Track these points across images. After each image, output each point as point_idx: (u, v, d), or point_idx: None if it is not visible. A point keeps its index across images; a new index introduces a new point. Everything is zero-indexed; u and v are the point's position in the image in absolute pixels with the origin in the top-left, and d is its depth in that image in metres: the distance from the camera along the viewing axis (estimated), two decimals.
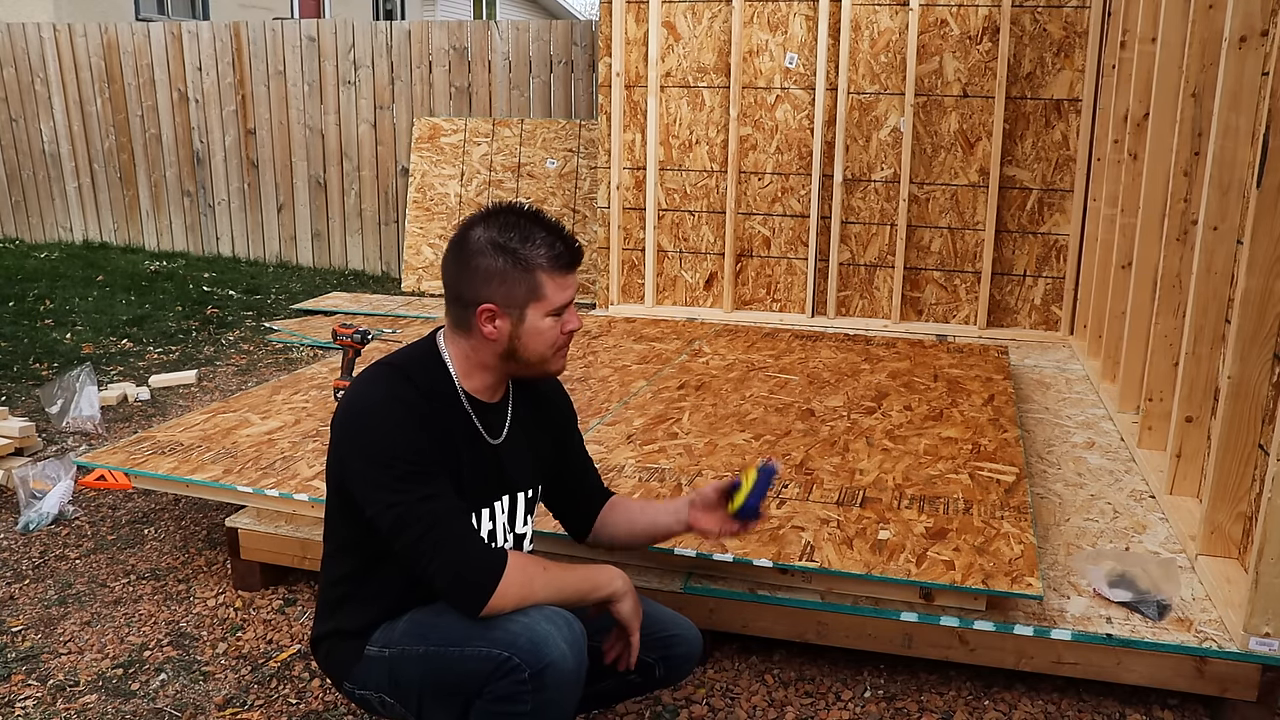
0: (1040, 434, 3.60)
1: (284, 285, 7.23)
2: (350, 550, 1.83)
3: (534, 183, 6.74)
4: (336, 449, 1.76)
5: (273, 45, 7.53)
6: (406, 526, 1.65)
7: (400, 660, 1.76)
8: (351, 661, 1.82)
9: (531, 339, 1.78)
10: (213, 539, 3.15)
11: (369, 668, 1.80)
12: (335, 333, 3.56)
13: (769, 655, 2.50)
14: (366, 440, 1.70)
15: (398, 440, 1.68)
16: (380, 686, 1.79)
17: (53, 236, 8.58)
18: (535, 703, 1.62)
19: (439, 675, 1.72)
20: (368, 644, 1.80)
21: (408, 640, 1.76)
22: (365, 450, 1.69)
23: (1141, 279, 3.59)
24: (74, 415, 4.14)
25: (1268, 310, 2.39)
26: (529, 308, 1.76)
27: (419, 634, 1.75)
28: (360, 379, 1.80)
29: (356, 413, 1.74)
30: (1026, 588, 2.23)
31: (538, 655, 1.61)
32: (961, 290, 5.42)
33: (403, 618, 1.79)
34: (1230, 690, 2.19)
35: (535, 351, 1.80)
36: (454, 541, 1.66)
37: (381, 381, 1.76)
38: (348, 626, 1.83)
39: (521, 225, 1.76)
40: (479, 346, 1.80)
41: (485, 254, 1.74)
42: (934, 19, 5.18)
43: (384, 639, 1.79)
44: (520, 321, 1.77)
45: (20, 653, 2.54)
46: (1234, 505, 2.50)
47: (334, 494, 1.82)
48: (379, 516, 1.68)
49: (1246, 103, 2.68)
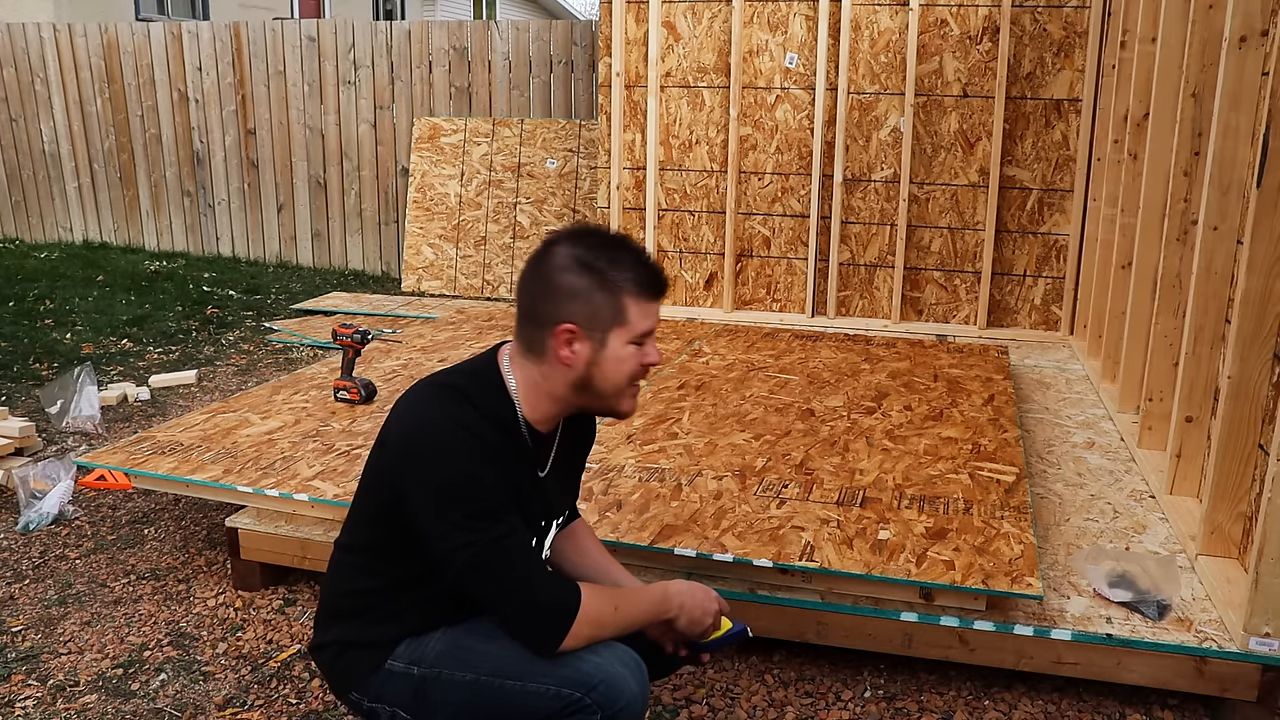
0: (1040, 434, 3.60)
1: (284, 285, 7.23)
2: (386, 564, 1.74)
3: (534, 183, 6.74)
4: (396, 475, 1.65)
5: (273, 45, 7.53)
6: (478, 569, 1.59)
7: (436, 683, 1.69)
8: (365, 672, 1.74)
9: (610, 367, 1.67)
10: (213, 539, 3.15)
11: (388, 682, 1.72)
12: (335, 333, 3.56)
13: (769, 655, 2.50)
14: (437, 474, 1.60)
15: (470, 476, 1.59)
16: (398, 703, 1.72)
17: (53, 236, 8.58)
18: None
19: (489, 706, 1.66)
20: (391, 657, 1.72)
21: (448, 664, 1.69)
22: (435, 483, 1.60)
23: (1141, 279, 3.59)
24: (74, 415, 4.14)
25: (1268, 310, 2.39)
26: (612, 332, 1.65)
27: (464, 659, 1.68)
28: (422, 401, 1.69)
29: (425, 442, 1.63)
30: (1026, 588, 2.23)
31: (613, 698, 1.60)
32: (961, 290, 5.42)
33: (435, 634, 1.72)
34: (1230, 690, 2.19)
35: (611, 382, 1.69)
36: (529, 584, 1.61)
37: (450, 407, 1.65)
38: (366, 638, 1.75)
39: (609, 246, 1.67)
40: (551, 374, 1.69)
41: (570, 271, 1.63)
42: (934, 19, 5.18)
43: (413, 655, 1.71)
44: (601, 346, 1.66)
45: (20, 653, 2.54)
46: (1234, 505, 2.50)
47: (381, 509, 1.71)
48: (450, 555, 1.60)
49: (1246, 103, 2.68)
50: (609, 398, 1.72)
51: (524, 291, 1.70)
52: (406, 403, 1.71)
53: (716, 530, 2.51)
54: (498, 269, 6.77)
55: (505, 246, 6.77)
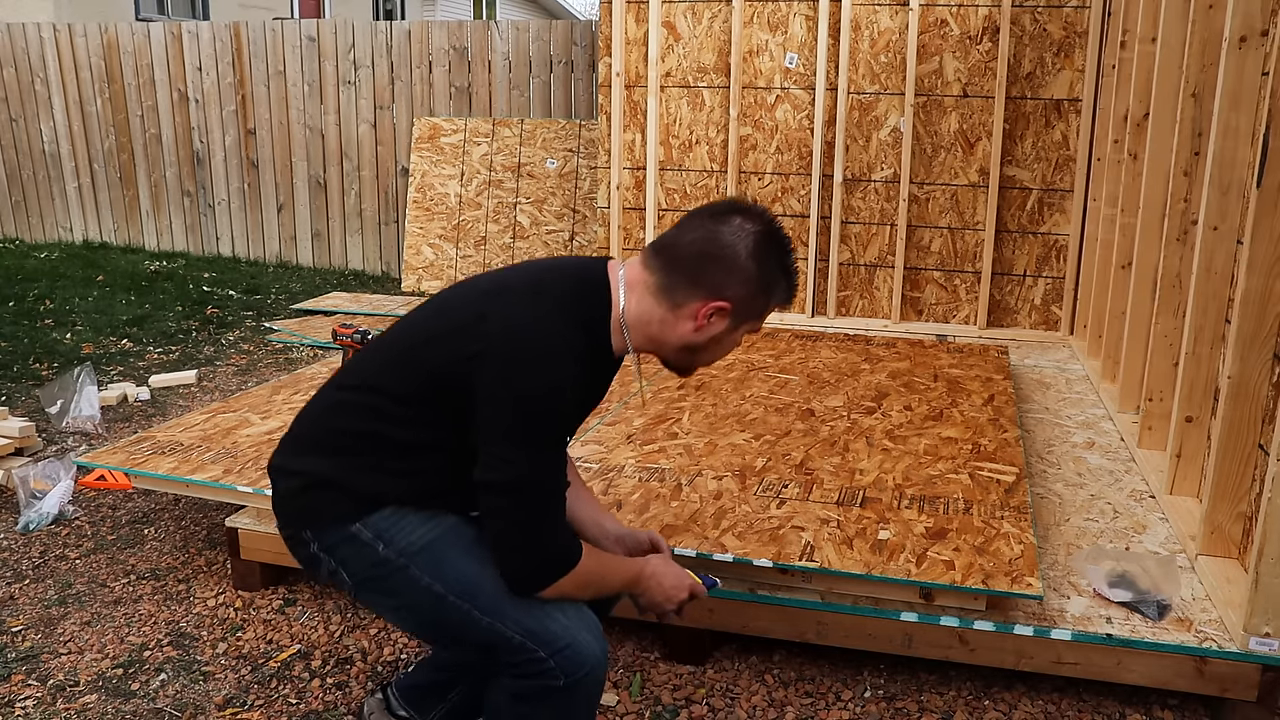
0: (1040, 434, 3.60)
1: (284, 285, 7.23)
2: (408, 421, 1.65)
3: (534, 183, 6.74)
4: (476, 359, 1.57)
5: (273, 45, 7.53)
6: (512, 491, 1.55)
7: (400, 573, 1.65)
8: (330, 519, 1.67)
9: (723, 348, 1.73)
10: (213, 539, 3.15)
11: (349, 543, 1.66)
12: (335, 333, 3.56)
13: (769, 655, 2.50)
14: (525, 385, 1.54)
15: (554, 400, 1.55)
16: (350, 568, 1.68)
17: (53, 236, 8.58)
18: (562, 707, 1.65)
19: (442, 623, 1.67)
20: (364, 519, 1.66)
21: (422, 564, 1.65)
22: (518, 393, 1.54)
23: (1141, 279, 3.59)
24: (74, 415, 4.14)
25: (1268, 310, 2.39)
26: (745, 324, 1.70)
27: (440, 568, 1.65)
28: (538, 303, 1.61)
29: (527, 348, 1.55)
30: (1026, 588, 2.23)
31: (576, 664, 1.62)
32: (961, 290, 5.42)
33: (418, 521, 1.67)
34: (1230, 690, 2.19)
35: (712, 356, 1.74)
36: (546, 525, 1.58)
37: (565, 327, 1.59)
38: (349, 483, 1.67)
39: (789, 251, 1.69)
40: (674, 326, 1.67)
41: (757, 260, 1.63)
42: (934, 19, 5.18)
43: (389, 533, 1.65)
44: (732, 330, 1.69)
45: (20, 653, 2.53)
46: (1234, 505, 2.50)
47: (433, 375, 1.62)
48: (495, 463, 1.55)
49: (1246, 103, 2.68)
50: (697, 365, 1.76)
51: (694, 244, 1.66)
52: (521, 293, 1.64)
53: (716, 530, 2.51)
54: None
55: (505, 246, 6.77)
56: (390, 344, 1.74)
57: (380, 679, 2.42)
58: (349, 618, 2.69)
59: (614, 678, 2.40)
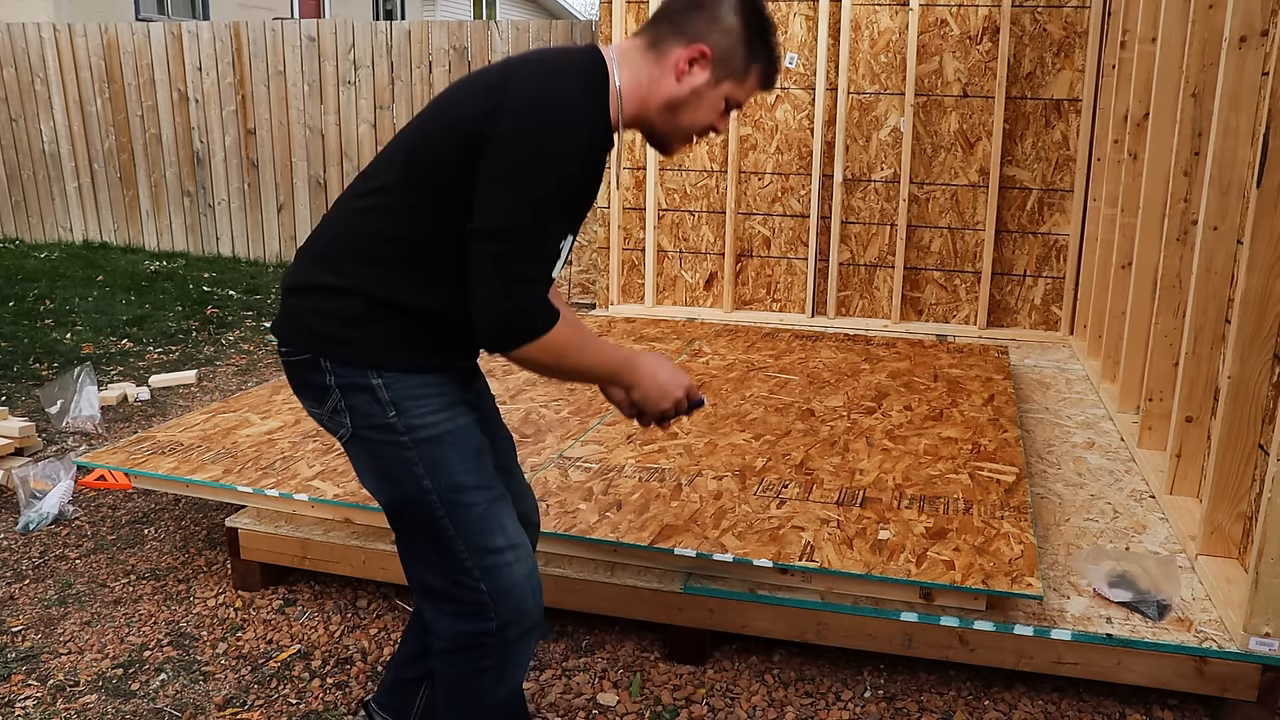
0: (1040, 434, 3.60)
1: None
2: (414, 213, 1.64)
3: None
4: (496, 117, 1.56)
5: (273, 45, 7.52)
6: (507, 242, 1.54)
7: (399, 455, 1.66)
8: (361, 359, 1.65)
9: (700, 107, 1.72)
10: (213, 539, 3.15)
11: (365, 395, 1.65)
12: None
13: (769, 655, 2.50)
14: (543, 144, 1.54)
15: (568, 164, 1.56)
16: (354, 417, 1.67)
17: (53, 236, 8.58)
18: (490, 663, 1.72)
19: (416, 516, 1.69)
20: (384, 375, 1.65)
21: (423, 453, 1.66)
22: (533, 153, 1.55)
23: (1141, 279, 3.59)
24: (74, 415, 4.14)
25: (1268, 310, 2.39)
26: (725, 81, 1.70)
27: (434, 469, 1.66)
28: (563, 75, 1.63)
29: (551, 113, 1.56)
30: (1026, 588, 2.23)
31: (512, 612, 1.69)
32: (961, 290, 5.42)
33: (436, 405, 1.68)
34: (1230, 690, 2.19)
35: (691, 119, 1.73)
36: (532, 285, 1.56)
37: (587, 97, 1.62)
38: (374, 293, 1.65)
39: (772, 28, 1.73)
40: (659, 80, 1.70)
41: (737, 13, 1.67)
42: (934, 19, 5.18)
43: (404, 404, 1.65)
44: (711, 86, 1.69)
45: (20, 653, 2.54)
46: (1234, 505, 2.50)
47: (445, 141, 1.62)
48: (492, 215, 1.55)
49: (1246, 103, 2.68)
50: (677, 132, 1.76)
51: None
52: (537, 64, 1.66)
53: (716, 530, 2.51)
54: None
55: None
56: (397, 140, 1.73)
57: (380, 679, 2.42)
58: (349, 618, 2.69)
59: (614, 678, 2.41)
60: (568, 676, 2.42)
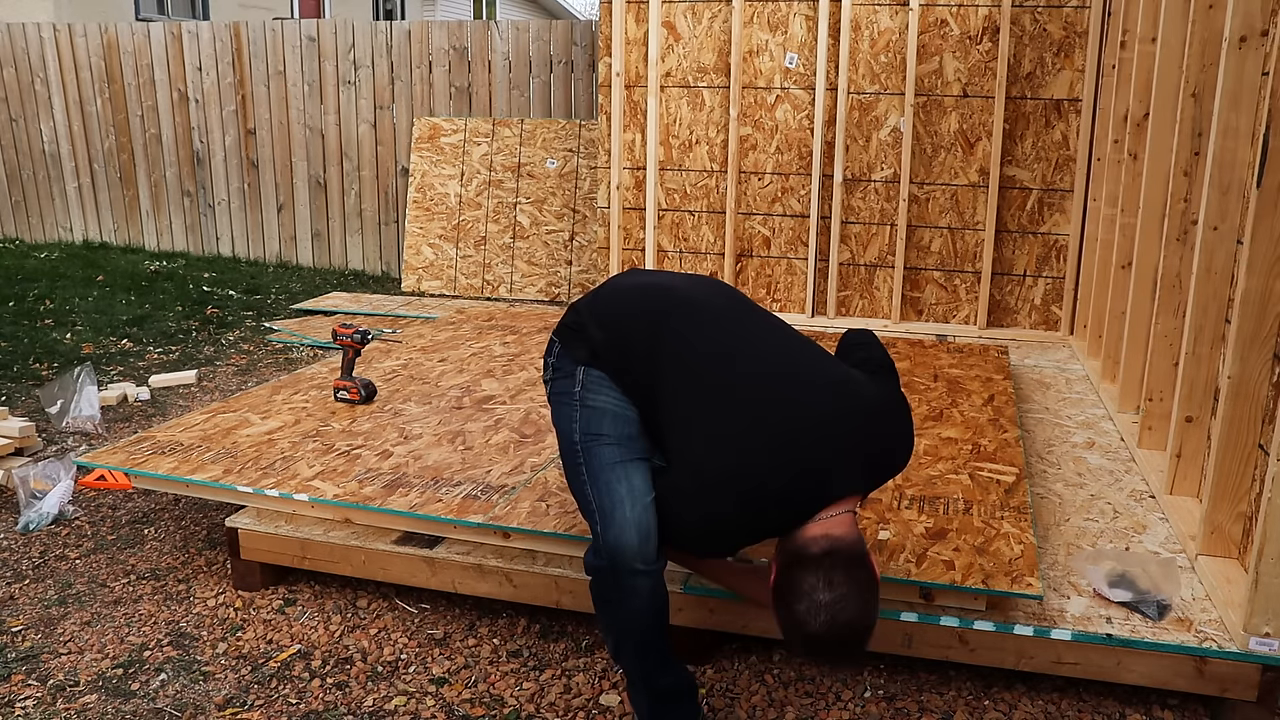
0: (1040, 434, 3.60)
1: (284, 285, 7.23)
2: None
3: (534, 183, 6.74)
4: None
5: (273, 45, 7.52)
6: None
7: (566, 412, 2.10)
8: (570, 353, 2.14)
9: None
10: (213, 539, 3.15)
11: (564, 373, 2.14)
12: (335, 333, 3.56)
13: (769, 655, 2.50)
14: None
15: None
16: (554, 384, 2.16)
17: (53, 236, 8.58)
18: (600, 582, 2.03)
19: (570, 464, 2.09)
20: (585, 366, 2.10)
21: (582, 415, 2.08)
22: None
23: (1141, 279, 3.59)
24: (74, 415, 4.14)
25: (1268, 310, 2.39)
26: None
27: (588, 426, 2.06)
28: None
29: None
30: (1026, 588, 2.23)
31: (613, 542, 1.96)
32: (961, 290, 5.42)
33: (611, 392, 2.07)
34: (1230, 690, 2.19)
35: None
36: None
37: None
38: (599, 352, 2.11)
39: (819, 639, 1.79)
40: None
41: (797, 600, 1.79)
42: (934, 19, 5.18)
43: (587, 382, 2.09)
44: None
45: (20, 653, 2.54)
46: (1234, 505, 2.50)
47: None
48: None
49: (1246, 103, 2.68)
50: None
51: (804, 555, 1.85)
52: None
53: None
54: (498, 269, 6.77)
55: (505, 246, 6.77)
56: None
57: (380, 679, 2.42)
58: (349, 618, 2.69)
59: (614, 678, 2.41)
60: (568, 676, 2.42)
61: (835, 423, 1.90)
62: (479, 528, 2.59)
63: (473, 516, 2.61)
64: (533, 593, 2.55)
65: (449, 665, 2.47)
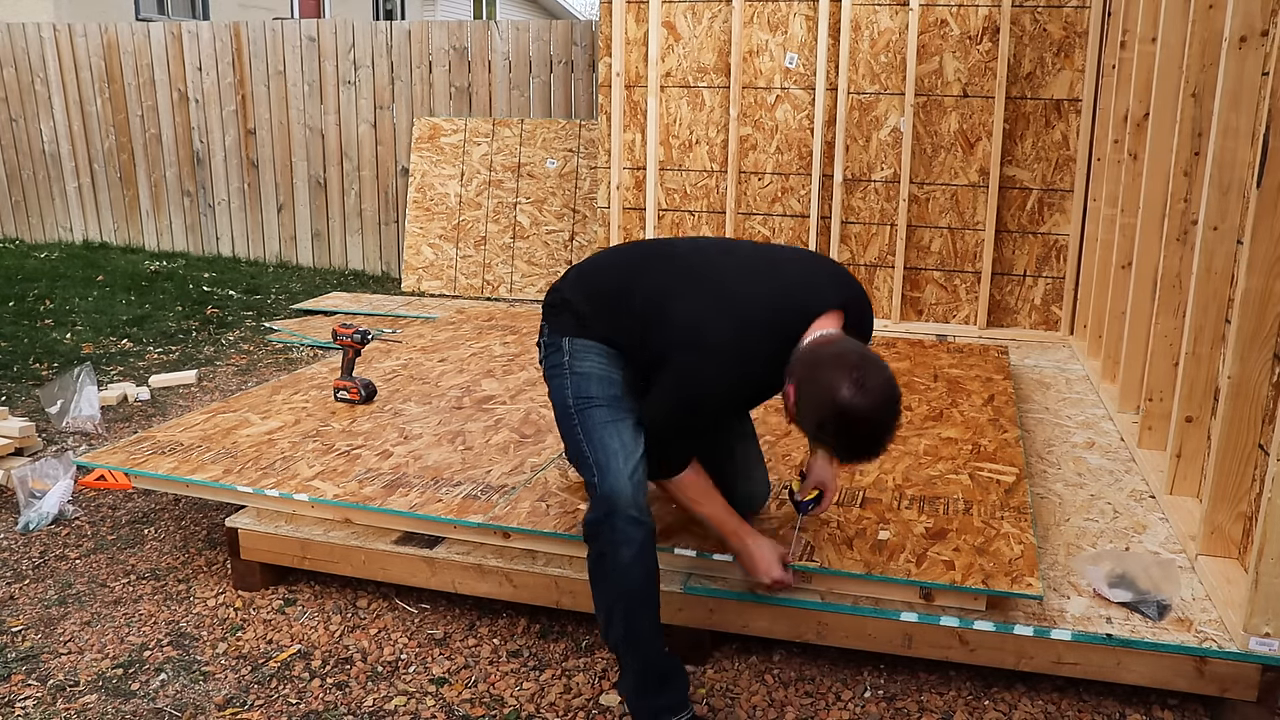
0: (1040, 434, 3.60)
1: (284, 285, 7.23)
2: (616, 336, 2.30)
3: (534, 183, 6.74)
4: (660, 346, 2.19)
5: (273, 45, 7.52)
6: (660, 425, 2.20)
7: (559, 381, 2.29)
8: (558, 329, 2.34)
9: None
10: (213, 539, 3.15)
11: (554, 348, 2.32)
12: (335, 333, 3.56)
13: (769, 655, 2.50)
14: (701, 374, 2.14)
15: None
16: (547, 359, 2.35)
17: (53, 236, 8.58)
18: (595, 533, 2.14)
19: (565, 424, 2.28)
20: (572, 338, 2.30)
21: (573, 381, 2.27)
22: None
23: (1141, 279, 3.59)
24: (74, 415, 4.14)
25: (1268, 310, 2.39)
26: (794, 424, 2.10)
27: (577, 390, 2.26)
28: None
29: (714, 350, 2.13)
30: (1026, 588, 2.23)
31: (608, 491, 2.13)
32: (961, 290, 5.42)
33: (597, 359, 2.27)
34: (1230, 690, 2.19)
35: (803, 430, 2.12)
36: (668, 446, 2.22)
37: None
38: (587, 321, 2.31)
39: (856, 426, 1.94)
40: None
41: (828, 396, 1.93)
42: (934, 19, 5.18)
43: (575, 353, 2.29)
44: (790, 421, 2.12)
45: (20, 653, 2.54)
46: (1234, 505, 2.50)
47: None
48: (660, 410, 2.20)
49: (1246, 103, 2.68)
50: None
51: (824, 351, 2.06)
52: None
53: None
54: (498, 269, 6.77)
55: (505, 246, 6.77)
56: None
57: (380, 679, 2.42)
58: (349, 618, 2.69)
59: (614, 678, 2.41)
60: (568, 677, 2.42)
61: (794, 256, 2.34)
62: (479, 528, 2.60)
63: (473, 516, 2.61)
64: (533, 593, 2.55)
65: (449, 665, 2.48)
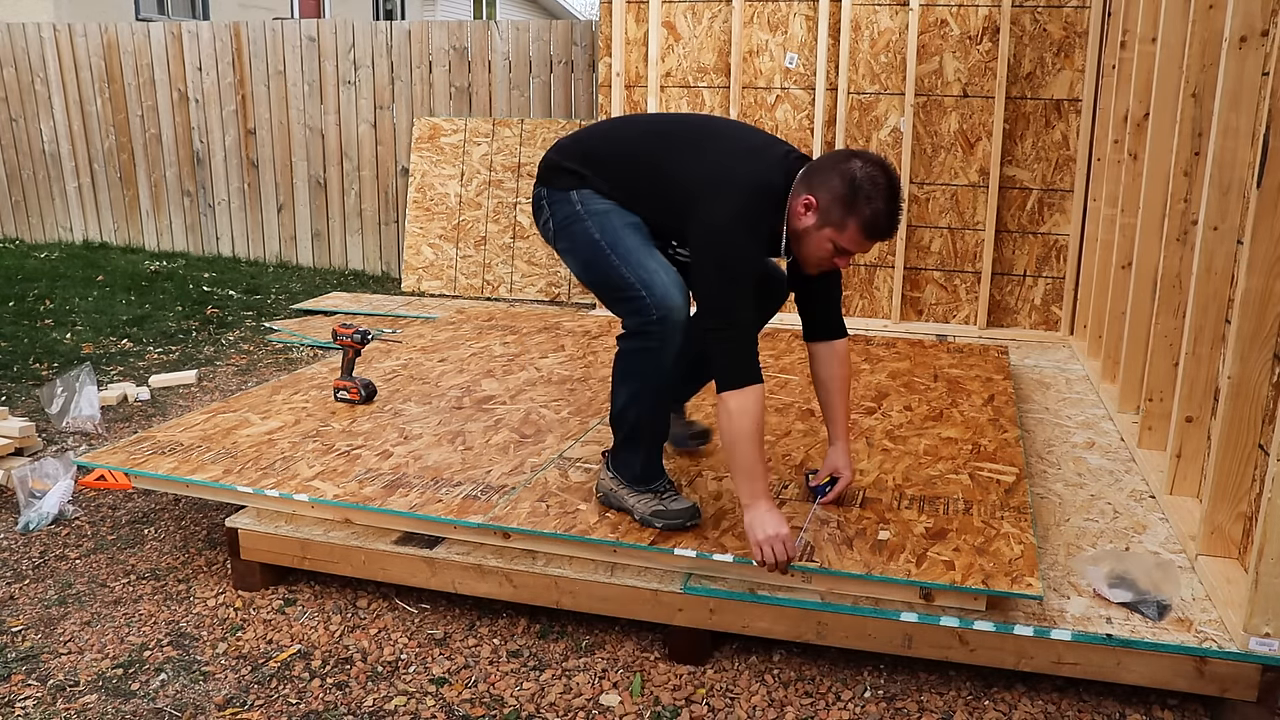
0: (1040, 434, 3.60)
1: (284, 285, 7.23)
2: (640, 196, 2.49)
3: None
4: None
5: (273, 45, 7.52)
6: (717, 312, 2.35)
7: (582, 227, 2.45)
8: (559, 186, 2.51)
9: (811, 245, 2.37)
10: (213, 539, 3.15)
11: (563, 203, 2.47)
12: (335, 333, 3.56)
13: (769, 655, 2.50)
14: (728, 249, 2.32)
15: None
16: (557, 216, 2.50)
17: (53, 236, 8.58)
18: (648, 342, 2.39)
19: (595, 264, 2.43)
20: (578, 190, 2.47)
21: (596, 222, 2.43)
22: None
23: (1141, 279, 3.59)
24: (74, 415, 4.14)
25: (1268, 310, 2.39)
26: (826, 229, 2.31)
27: (603, 228, 2.43)
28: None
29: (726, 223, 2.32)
30: (1026, 588, 2.23)
31: (665, 303, 2.36)
32: (961, 290, 5.42)
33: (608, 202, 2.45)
34: (1230, 690, 2.19)
35: (805, 252, 2.40)
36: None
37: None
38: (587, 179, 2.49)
39: (877, 188, 2.24)
40: (791, 215, 2.36)
41: (844, 178, 2.25)
42: (934, 19, 5.18)
43: (586, 201, 2.45)
44: (817, 229, 2.32)
45: (20, 653, 2.54)
46: (1234, 505, 2.50)
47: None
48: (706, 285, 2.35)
49: (1246, 103, 2.68)
50: (803, 259, 2.44)
51: (826, 158, 2.36)
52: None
53: (716, 530, 2.51)
54: (498, 269, 6.77)
55: (505, 246, 6.77)
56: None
57: (380, 679, 2.42)
58: (349, 618, 2.69)
59: (614, 678, 2.41)
60: (568, 676, 2.42)
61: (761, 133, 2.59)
62: (479, 528, 2.60)
63: (473, 517, 2.61)
64: (533, 593, 2.56)
65: (449, 665, 2.48)
